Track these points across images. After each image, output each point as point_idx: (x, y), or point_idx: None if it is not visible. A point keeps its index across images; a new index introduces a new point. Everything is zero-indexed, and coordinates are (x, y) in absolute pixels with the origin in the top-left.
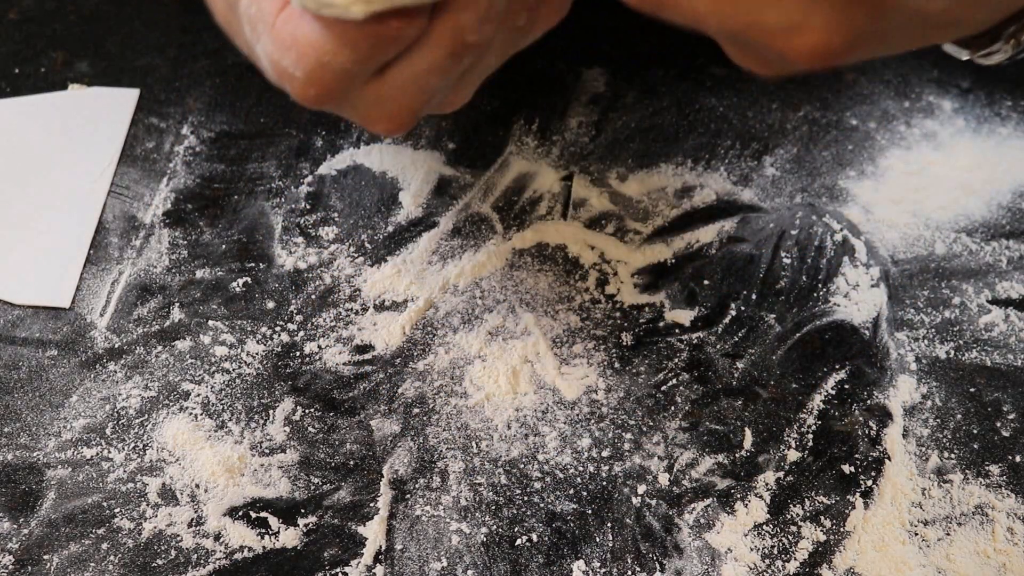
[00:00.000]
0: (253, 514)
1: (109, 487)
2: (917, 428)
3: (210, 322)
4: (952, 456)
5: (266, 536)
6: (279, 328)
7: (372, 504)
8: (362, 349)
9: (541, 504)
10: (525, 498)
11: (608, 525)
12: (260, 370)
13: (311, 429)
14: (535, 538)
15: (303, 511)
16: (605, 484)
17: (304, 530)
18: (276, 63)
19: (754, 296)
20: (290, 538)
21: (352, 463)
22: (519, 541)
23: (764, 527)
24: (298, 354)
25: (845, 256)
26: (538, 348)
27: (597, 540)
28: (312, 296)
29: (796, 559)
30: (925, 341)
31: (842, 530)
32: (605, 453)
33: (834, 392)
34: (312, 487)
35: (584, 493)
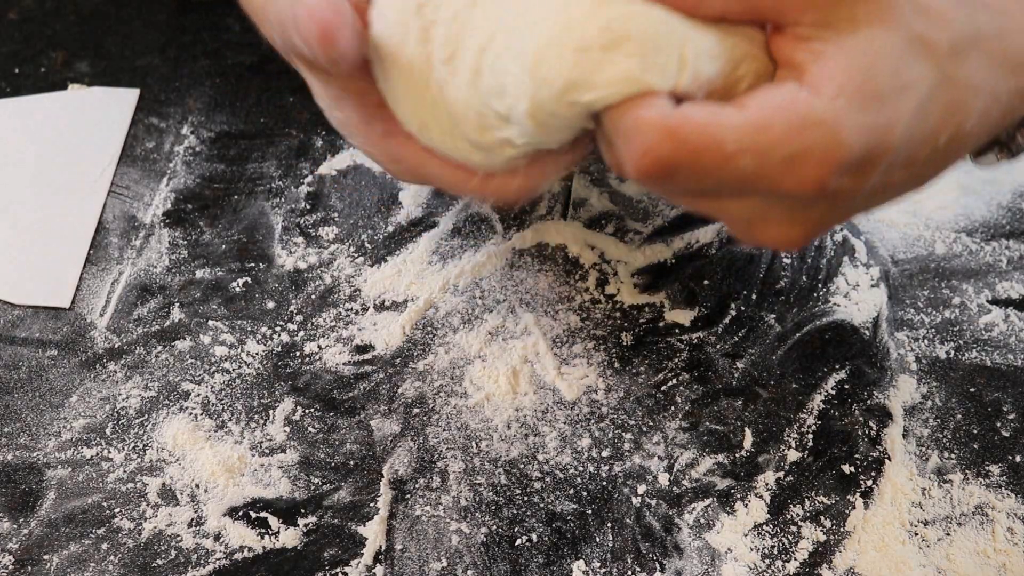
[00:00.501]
0: (253, 514)
1: (109, 487)
2: (917, 428)
3: (210, 322)
4: (952, 456)
5: (266, 536)
6: (279, 328)
7: (372, 504)
8: (362, 349)
9: (541, 504)
10: (525, 498)
11: (608, 525)
12: (260, 370)
13: (311, 429)
14: (535, 538)
15: (303, 511)
16: (605, 484)
17: (304, 530)
18: (378, 162)
19: (754, 296)
20: (290, 538)
21: (352, 463)
22: (519, 541)
23: (764, 527)
24: (298, 354)
25: (845, 256)
26: (538, 348)
27: (597, 540)
28: (312, 296)
29: (796, 559)
30: (925, 341)
31: (842, 530)
32: (605, 453)
33: (834, 392)
34: (312, 487)
35: (584, 493)
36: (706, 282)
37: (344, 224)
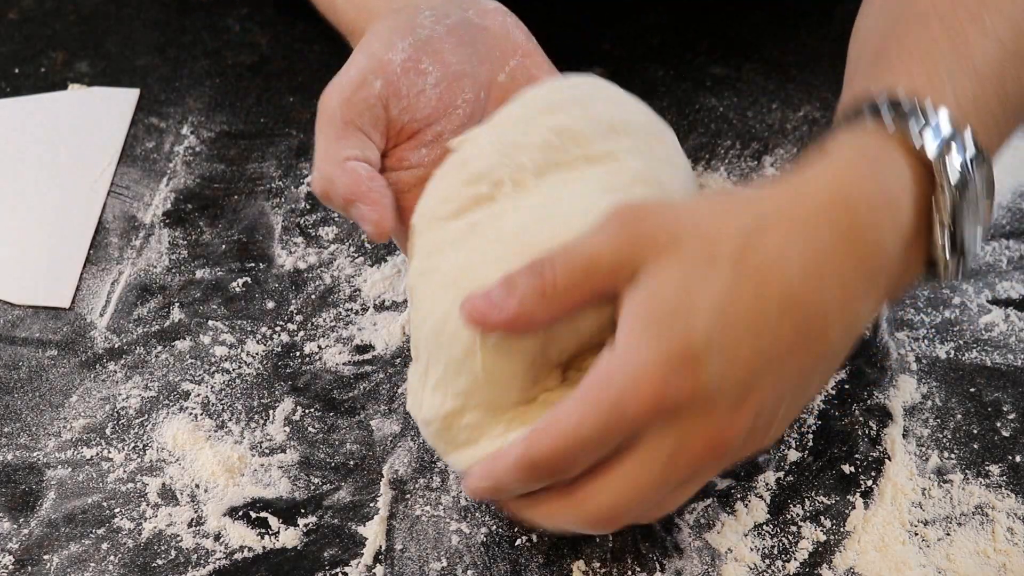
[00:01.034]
0: (253, 514)
1: (109, 487)
2: (917, 428)
3: (210, 322)
4: (952, 456)
5: (266, 536)
6: (279, 328)
7: (372, 504)
8: (362, 349)
9: None
10: None
11: None
12: (260, 370)
13: (311, 429)
14: (535, 538)
15: (303, 511)
16: None
17: (304, 530)
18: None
19: None
20: (290, 538)
21: (352, 463)
22: (519, 541)
23: (764, 527)
24: (298, 354)
25: None
26: None
27: (597, 540)
28: (312, 296)
29: (796, 559)
30: (925, 341)
31: (842, 530)
32: None
33: (834, 392)
34: (312, 487)
35: None
36: None
37: (344, 224)
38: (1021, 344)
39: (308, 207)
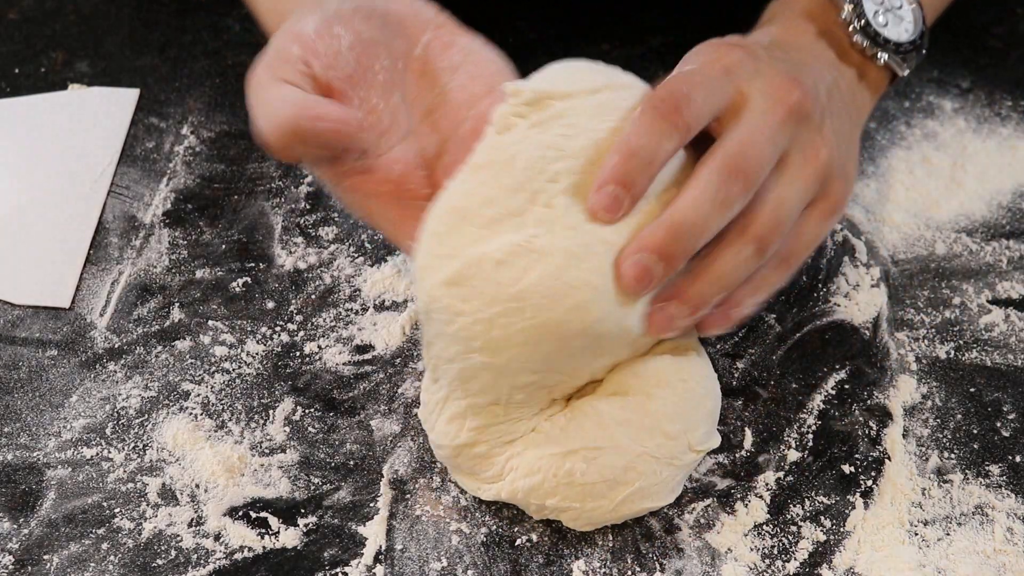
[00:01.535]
0: (253, 514)
1: (109, 487)
2: (917, 428)
3: (210, 322)
4: (952, 456)
5: (266, 536)
6: (279, 328)
7: (372, 504)
8: (362, 349)
9: None
10: None
11: (608, 525)
12: (260, 370)
13: (311, 429)
14: (535, 538)
15: (303, 511)
16: None
17: (304, 530)
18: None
19: None
20: (290, 538)
21: (352, 463)
22: (519, 541)
23: (764, 527)
24: (298, 354)
25: (845, 256)
26: None
27: (597, 540)
28: (312, 296)
29: (796, 559)
30: (925, 341)
31: (842, 530)
32: None
33: (834, 392)
34: (312, 487)
35: None
36: None
37: (344, 224)
38: (1021, 344)
39: (308, 207)
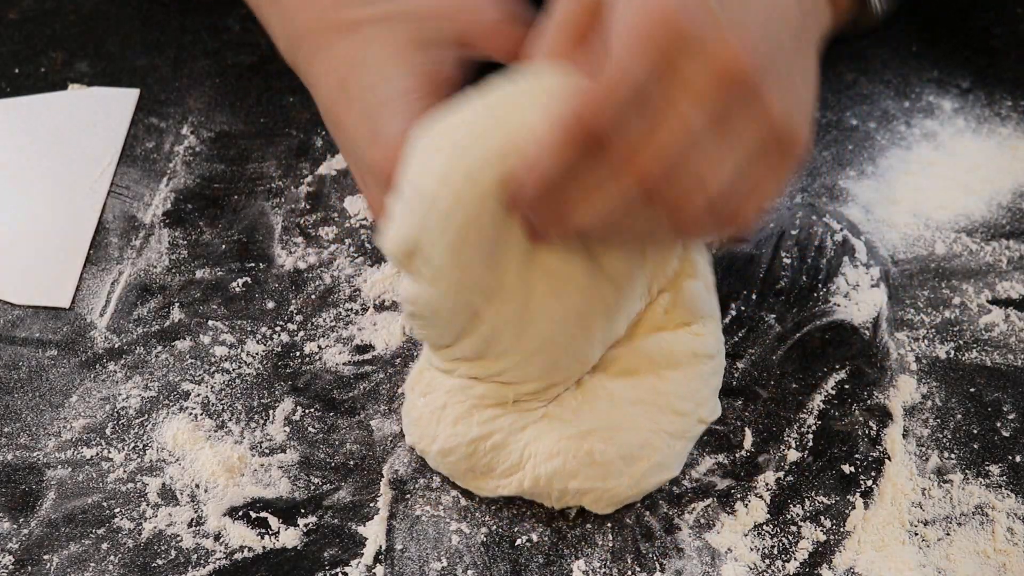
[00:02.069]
0: (253, 514)
1: (109, 487)
2: (917, 428)
3: (210, 322)
4: (952, 456)
5: (266, 536)
6: (279, 328)
7: (372, 504)
8: (362, 349)
9: (541, 504)
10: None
11: (608, 525)
12: (260, 370)
13: (311, 429)
14: (535, 538)
15: (303, 511)
16: None
17: (304, 530)
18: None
19: (754, 296)
20: (290, 538)
21: (352, 463)
22: (519, 541)
23: (764, 527)
24: (298, 354)
25: (845, 256)
26: None
27: (597, 540)
28: (312, 296)
29: (796, 559)
30: (925, 341)
31: (842, 530)
32: None
33: (834, 392)
34: (312, 487)
35: None
36: None
37: (344, 224)
38: (1021, 344)
39: (308, 207)
